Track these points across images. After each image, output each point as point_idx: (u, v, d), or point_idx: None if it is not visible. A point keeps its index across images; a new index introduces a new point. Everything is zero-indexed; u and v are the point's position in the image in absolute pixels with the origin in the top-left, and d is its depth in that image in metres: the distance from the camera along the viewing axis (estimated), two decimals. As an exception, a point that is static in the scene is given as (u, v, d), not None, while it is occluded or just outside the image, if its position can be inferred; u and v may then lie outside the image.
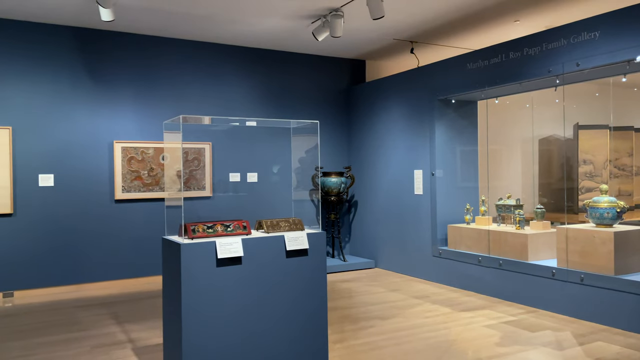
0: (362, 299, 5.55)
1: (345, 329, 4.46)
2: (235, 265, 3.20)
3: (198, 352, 3.07)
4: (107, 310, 5.14)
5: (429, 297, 5.60)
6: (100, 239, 6.16)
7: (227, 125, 7.45)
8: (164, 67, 6.57)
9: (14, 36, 5.77)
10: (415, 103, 6.61)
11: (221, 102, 6.90)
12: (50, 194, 5.91)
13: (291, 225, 3.55)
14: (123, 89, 6.34)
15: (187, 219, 3.22)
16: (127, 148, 6.29)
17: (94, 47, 6.18)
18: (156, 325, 4.56)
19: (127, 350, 3.98)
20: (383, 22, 5.89)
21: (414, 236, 6.62)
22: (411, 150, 6.66)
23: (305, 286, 3.43)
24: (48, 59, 5.94)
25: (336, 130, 7.75)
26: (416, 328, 4.48)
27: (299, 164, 5.36)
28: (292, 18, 5.86)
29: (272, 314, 3.30)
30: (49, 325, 4.65)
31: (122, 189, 6.25)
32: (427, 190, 6.39)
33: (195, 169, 6.66)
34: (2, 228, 5.67)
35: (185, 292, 3.04)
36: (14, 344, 4.15)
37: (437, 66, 6.29)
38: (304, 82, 7.51)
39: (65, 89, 6.03)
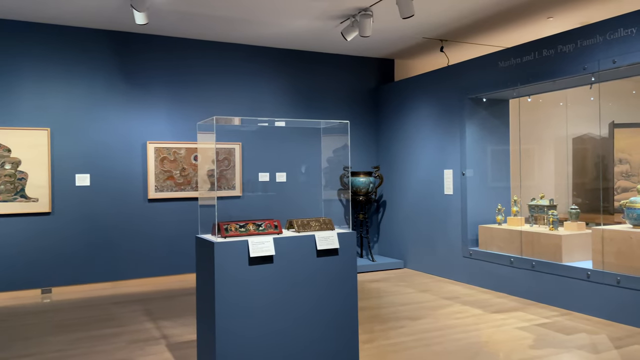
0: (391, 299, 5.54)
1: (374, 329, 4.46)
2: (267, 264, 3.24)
3: (231, 349, 3.12)
4: (142, 307, 5.27)
5: (459, 298, 5.55)
6: (134, 238, 6.31)
7: (257, 125, 7.53)
8: (195, 69, 6.69)
9: (52, 40, 5.96)
10: (445, 102, 6.55)
11: (251, 102, 6.98)
12: (86, 193, 6.09)
13: (321, 224, 3.57)
14: (156, 90, 6.47)
15: (218, 218, 3.28)
16: (159, 148, 6.42)
17: (128, 50, 6.34)
18: (189, 322, 4.65)
19: (162, 346, 4.08)
20: (412, 20, 5.86)
21: (443, 236, 6.57)
22: (441, 149, 6.61)
23: (335, 285, 3.45)
24: (84, 62, 6.12)
25: (364, 129, 7.74)
26: (446, 329, 4.45)
27: (328, 164, 5.39)
28: (321, 18, 5.89)
29: (303, 313, 3.33)
30: (87, 321, 4.79)
31: (155, 188, 6.39)
32: (458, 190, 6.33)
33: (226, 169, 6.76)
34: (41, 226, 5.86)
35: (219, 290, 3.09)
36: (54, 339, 4.29)
37: (468, 64, 6.22)
38: (333, 82, 7.53)
39: (101, 91, 6.20)
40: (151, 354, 3.91)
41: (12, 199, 5.70)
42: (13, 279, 5.74)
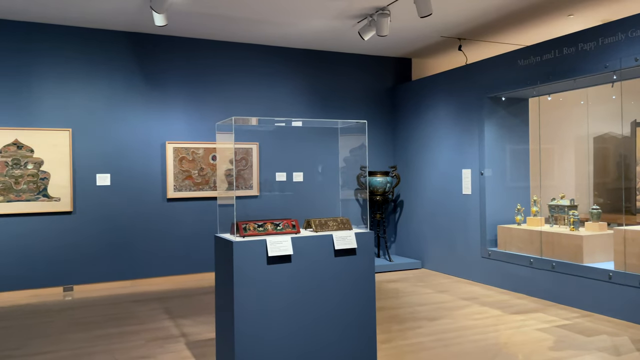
0: (409, 300, 5.52)
1: (392, 329, 4.45)
2: (285, 263, 3.26)
3: (250, 347, 3.14)
4: (161, 305, 5.33)
5: (477, 298, 5.50)
6: (153, 237, 6.39)
7: (274, 125, 7.56)
8: (213, 69, 6.74)
9: (73, 42, 6.06)
10: (463, 101, 6.50)
11: (268, 102, 7.01)
12: (107, 193, 6.17)
13: (339, 224, 3.58)
14: (175, 91, 6.54)
15: (236, 218, 3.30)
16: (178, 148, 6.49)
17: (148, 51, 6.41)
18: (207, 321, 4.69)
19: (181, 344, 4.12)
20: (430, 19, 5.83)
21: (462, 237, 6.52)
22: (459, 149, 6.56)
23: (353, 285, 3.45)
24: (105, 63, 6.21)
25: (381, 129, 7.72)
26: (465, 330, 4.42)
27: (345, 164, 5.38)
28: (338, 18, 5.89)
29: (321, 312, 3.34)
30: (107, 319, 4.86)
31: (173, 188, 6.45)
32: (476, 190, 6.28)
33: (243, 169, 6.80)
34: (62, 225, 5.96)
35: (237, 289, 3.11)
36: (75, 336, 4.36)
37: (487, 63, 6.17)
38: (350, 81, 7.53)
39: (121, 92, 6.28)
40: (170, 351, 3.95)
41: (35, 198, 5.81)
42: (36, 277, 5.85)
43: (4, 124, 5.72)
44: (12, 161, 5.72)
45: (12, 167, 5.71)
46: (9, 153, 5.71)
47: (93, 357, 3.86)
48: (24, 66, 5.84)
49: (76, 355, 3.89)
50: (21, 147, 5.76)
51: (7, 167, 5.69)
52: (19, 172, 5.74)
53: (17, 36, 5.81)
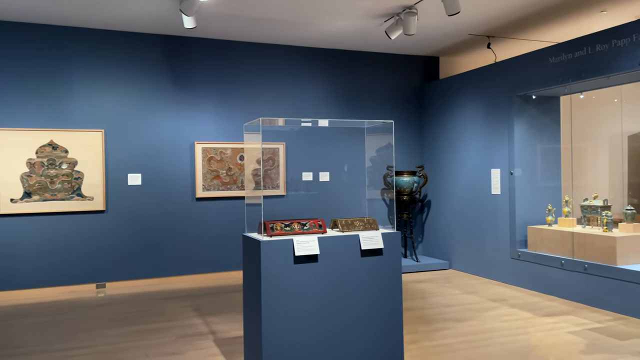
0: (436, 300, 5.48)
1: (419, 330, 4.43)
2: (311, 263, 3.28)
3: (277, 345, 3.18)
4: (190, 303, 5.42)
5: (506, 300, 5.42)
6: (183, 235, 6.50)
7: (300, 125, 7.60)
8: (240, 70, 6.81)
9: (105, 45, 6.21)
10: (492, 100, 6.41)
11: (295, 103, 7.05)
12: (138, 192, 6.31)
13: (365, 224, 3.58)
14: (203, 92, 6.64)
15: (263, 217, 3.34)
16: (207, 148, 6.58)
17: (177, 53, 6.53)
18: (235, 319, 4.75)
19: (209, 341, 4.19)
20: (458, 17, 5.77)
21: (491, 237, 6.43)
22: (488, 148, 6.47)
23: (380, 285, 3.45)
24: (135, 65, 6.35)
25: (408, 128, 7.68)
26: (493, 332, 4.37)
27: (371, 163, 5.38)
28: (365, 18, 5.88)
29: (347, 312, 3.35)
30: (138, 315, 4.98)
31: (202, 187, 6.56)
32: (505, 190, 6.19)
33: (270, 169, 6.86)
34: (95, 224, 6.13)
35: (265, 287, 3.15)
36: (109, 332, 4.49)
37: (516, 61, 6.07)
38: (376, 81, 7.51)
39: (151, 93, 6.41)
40: (199, 348, 4.02)
41: (69, 197, 5.98)
42: (70, 274, 6.02)
43: (40, 126, 5.91)
44: (47, 161, 5.91)
45: (47, 167, 5.90)
46: (45, 153, 5.90)
47: (126, 352, 3.96)
48: (59, 69, 6.02)
49: (110, 351, 4.00)
50: (56, 148, 5.94)
51: (43, 167, 5.88)
52: (54, 172, 5.92)
53: (52, 40, 5.99)
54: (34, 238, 5.87)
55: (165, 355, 3.88)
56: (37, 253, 5.89)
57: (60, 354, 3.95)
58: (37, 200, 5.85)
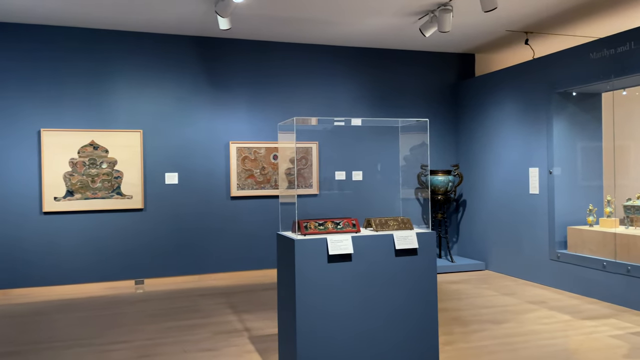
0: (472, 302, 5.39)
1: (454, 331, 4.37)
2: (345, 262, 3.28)
3: (311, 344, 3.19)
4: (225, 300, 5.50)
5: (545, 302, 5.29)
6: (218, 233, 6.60)
7: (333, 125, 7.60)
8: (274, 71, 6.87)
9: (143, 48, 6.36)
10: (530, 97, 6.26)
11: (328, 102, 7.06)
12: (174, 191, 6.45)
13: (400, 224, 3.55)
14: (238, 92, 6.73)
15: (297, 216, 3.36)
16: (241, 148, 6.67)
17: (212, 54, 6.63)
18: (270, 317, 4.80)
19: (244, 338, 4.24)
20: (494, 13, 5.65)
21: (529, 238, 6.29)
22: (525, 147, 6.33)
23: (414, 286, 3.42)
24: (172, 67, 6.48)
25: (443, 127, 7.58)
26: (532, 334, 4.27)
27: (405, 162, 5.33)
28: (399, 15, 5.84)
29: (382, 312, 3.34)
30: (176, 312, 5.09)
31: (237, 186, 6.64)
32: (544, 189, 6.03)
33: (303, 168, 6.89)
34: (134, 222, 6.29)
35: (299, 286, 3.17)
36: (147, 327, 4.60)
37: (555, 57, 5.91)
38: (410, 79, 7.44)
39: (188, 94, 6.54)
40: (234, 345, 4.08)
41: (109, 196, 6.16)
42: (110, 270, 6.20)
43: (82, 126, 6.10)
44: (89, 161, 6.09)
45: (89, 166, 6.09)
46: (86, 153, 6.09)
47: (164, 347, 4.05)
48: (100, 72, 6.20)
49: (149, 345, 4.10)
50: (97, 148, 6.13)
51: (85, 166, 6.07)
52: (94, 171, 6.11)
53: (93, 44, 6.17)
54: (76, 235, 6.07)
55: (202, 351, 3.95)
56: (78, 250, 6.09)
57: (100, 347, 4.08)
58: (79, 199, 6.04)
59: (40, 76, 5.98)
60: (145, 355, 3.89)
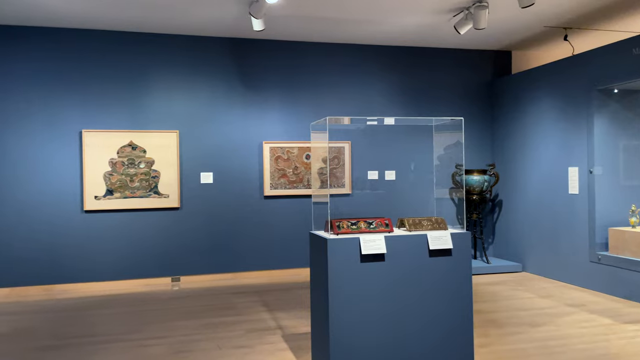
0: (508, 304, 5.29)
1: (490, 333, 4.29)
2: (378, 262, 3.27)
3: (344, 343, 3.19)
4: (259, 298, 5.56)
5: (585, 305, 5.14)
6: (251, 232, 6.68)
7: (366, 124, 7.57)
8: (307, 70, 6.90)
9: (178, 50, 6.50)
10: (569, 94, 6.09)
11: (361, 101, 7.04)
12: (209, 190, 6.56)
13: (434, 224, 3.52)
14: (271, 92, 6.78)
15: (330, 216, 3.36)
16: (274, 148, 6.72)
17: (246, 55, 6.71)
18: (303, 315, 4.82)
19: (278, 336, 4.28)
20: (532, 9, 5.52)
21: (568, 239, 6.11)
22: (564, 146, 6.16)
23: (449, 287, 3.38)
24: (207, 68, 6.59)
25: (478, 125, 7.45)
26: (570, 338, 4.15)
27: (439, 162, 5.27)
28: (433, 13, 5.77)
29: (415, 312, 3.31)
30: (210, 309, 5.17)
31: (270, 186, 6.70)
32: (584, 189, 5.86)
33: (335, 167, 6.89)
34: (171, 220, 6.43)
35: (332, 285, 3.18)
36: (182, 324, 4.70)
37: (596, 53, 5.73)
38: (444, 77, 7.34)
39: (222, 95, 6.64)
40: (268, 343, 4.12)
41: (147, 195, 6.31)
42: (147, 267, 6.36)
43: (121, 127, 6.28)
44: (127, 161, 6.26)
45: (127, 166, 6.25)
46: (125, 153, 6.26)
47: (199, 344, 4.13)
48: (138, 74, 6.36)
49: (184, 342, 4.18)
50: (135, 148, 6.29)
51: (124, 166, 6.24)
52: (133, 171, 6.27)
53: (131, 46, 6.34)
54: (115, 233, 6.25)
55: (236, 348, 4.00)
56: (117, 247, 6.26)
57: (137, 343, 4.19)
58: (118, 198, 6.22)
59: (82, 79, 6.18)
60: (181, 351, 3.97)
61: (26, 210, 5.99)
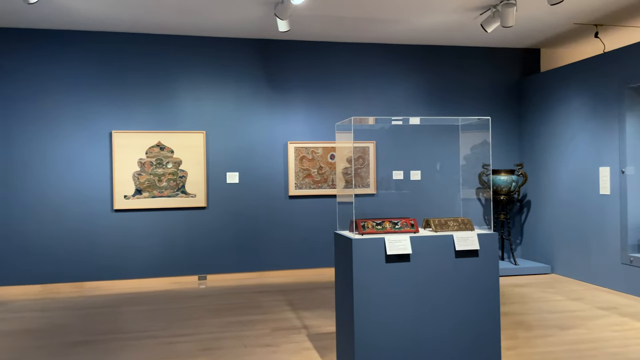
0: (537, 306, 5.19)
1: (518, 336, 4.23)
2: (403, 262, 3.26)
3: (369, 344, 3.19)
4: (284, 297, 5.59)
5: (616, 308, 5.01)
6: (277, 232, 6.72)
7: (391, 124, 7.54)
8: (332, 70, 6.90)
9: (204, 52, 6.58)
10: (600, 93, 5.95)
11: (386, 101, 7.01)
12: (235, 190, 6.63)
13: (460, 224, 3.48)
14: (296, 93, 6.82)
15: (355, 216, 3.36)
16: (299, 148, 6.75)
17: (271, 56, 6.75)
18: (327, 315, 4.83)
19: (303, 335, 4.30)
20: (562, 6, 5.41)
21: (598, 241, 5.97)
22: (595, 145, 6.02)
23: (475, 288, 3.34)
24: (233, 70, 6.66)
25: (506, 125, 7.34)
26: (601, 342, 4.06)
27: (465, 162, 5.21)
28: (459, 11, 5.71)
29: (441, 313, 3.29)
30: (236, 307, 5.23)
31: (295, 186, 6.73)
32: (616, 190, 5.72)
33: (360, 167, 6.88)
34: (198, 220, 6.52)
35: (357, 285, 3.18)
36: (209, 321, 4.76)
37: (629, 50, 5.58)
38: (471, 76, 7.26)
39: (247, 96, 6.70)
40: (293, 342, 4.14)
41: (175, 194, 6.42)
42: (174, 266, 6.46)
43: (150, 128, 6.39)
44: (155, 161, 6.37)
45: (155, 166, 6.37)
46: (153, 154, 6.37)
47: (225, 341, 4.18)
48: (165, 76, 6.47)
49: (211, 339, 4.24)
50: (163, 149, 6.40)
51: (152, 166, 6.36)
52: (161, 171, 6.38)
53: (158, 49, 6.45)
54: (143, 232, 6.37)
55: (261, 347, 4.04)
56: (145, 246, 6.38)
57: (165, 339, 4.26)
58: (147, 197, 6.33)
59: (111, 81, 6.32)
60: (208, 348, 4.02)
61: (59, 209, 6.15)
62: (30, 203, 6.09)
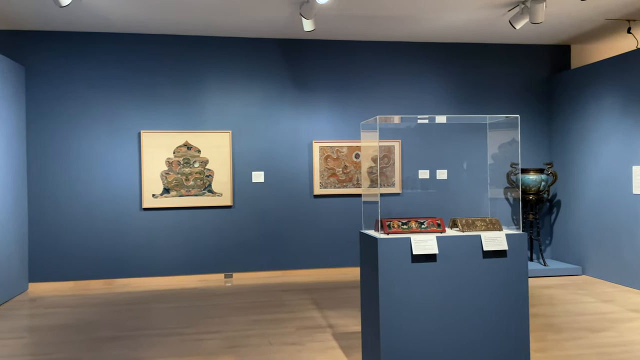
0: (566, 308, 5.09)
1: (547, 338, 4.15)
2: (429, 262, 3.23)
3: (395, 344, 3.17)
4: (308, 296, 5.61)
5: (651, 312, 4.88)
6: (302, 231, 6.74)
7: (417, 122, 7.47)
8: (356, 69, 6.88)
9: (231, 52, 6.64)
10: (633, 89, 5.78)
11: (412, 100, 6.96)
12: (261, 189, 6.67)
13: (487, 224, 3.43)
14: (321, 92, 6.82)
15: (380, 215, 3.35)
16: (324, 147, 6.75)
17: (297, 56, 6.77)
18: (352, 314, 4.82)
19: (328, 334, 4.30)
20: (593, 1, 5.28)
21: (632, 241, 5.81)
22: (628, 143, 5.85)
23: (504, 289, 3.29)
24: (259, 70, 6.70)
25: (535, 123, 7.20)
26: (634, 345, 3.95)
27: (493, 160, 5.14)
28: (487, 8, 5.63)
29: (468, 314, 3.25)
30: (261, 305, 5.27)
31: (319, 185, 6.74)
32: (649, 190, 5.55)
33: (385, 166, 6.85)
34: (224, 218, 6.58)
35: (383, 285, 3.16)
36: (235, 319, 4.80)
37: (664, 45, 5.41)
38: (499, 73, 7.14)
39: (273, 96, 6.73)
40: (318, 341, 4.15)
41: (201, 193, 6.50)
42: (201, 264, 6.54)
43: (177, 128, 6.49)
44: (183, 160, 6.47)
45: (183, 165, 6.46)
46: (181, 153, 6.46)
47: (251, 339, 4.21)
48: (192, 76, 6.56)
49: (237, 337, 4.28)
50: (190, 148, 6.48)
51: (179, 165, 6.45)
52: (188, 170, 6.47)
53: (185, 50, 6.54)
54: (171, 230, 6.47)
55: (287, 345, 4.06)
56: (173, 244, 6.48)
57: (191, 336, 4.32)
58: (174, 196, 6.43)
59: (140, 82, 6.43)
60: (234, 346, 4.06)
61: (89, 207, 6.30)
62: (62, 202, 6.25)
